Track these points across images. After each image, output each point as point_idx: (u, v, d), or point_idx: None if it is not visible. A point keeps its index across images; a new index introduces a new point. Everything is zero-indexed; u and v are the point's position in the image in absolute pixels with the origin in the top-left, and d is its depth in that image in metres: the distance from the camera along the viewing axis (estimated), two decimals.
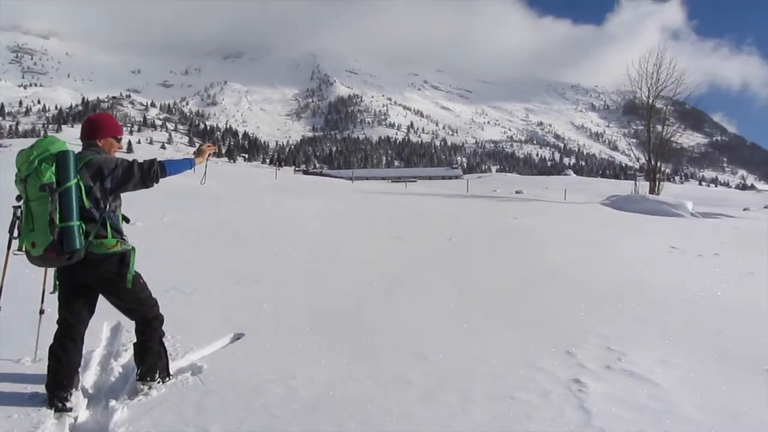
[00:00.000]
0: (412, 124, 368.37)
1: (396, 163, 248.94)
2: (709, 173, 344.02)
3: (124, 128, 9.18)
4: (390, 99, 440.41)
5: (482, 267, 8.38)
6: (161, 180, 3.64)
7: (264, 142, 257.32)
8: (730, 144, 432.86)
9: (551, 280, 7.52)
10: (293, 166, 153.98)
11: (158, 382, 3.76)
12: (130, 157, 3.73)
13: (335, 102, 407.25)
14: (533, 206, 22.92)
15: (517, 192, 40.94)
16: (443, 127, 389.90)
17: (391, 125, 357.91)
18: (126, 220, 3.74)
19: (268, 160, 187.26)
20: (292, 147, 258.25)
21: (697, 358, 4.74)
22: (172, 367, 3.99)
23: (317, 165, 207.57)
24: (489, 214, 16.59)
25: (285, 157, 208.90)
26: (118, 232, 3.52)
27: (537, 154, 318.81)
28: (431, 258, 8.96)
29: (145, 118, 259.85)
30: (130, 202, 4.09)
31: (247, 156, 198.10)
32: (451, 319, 5.56)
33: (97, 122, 3.67)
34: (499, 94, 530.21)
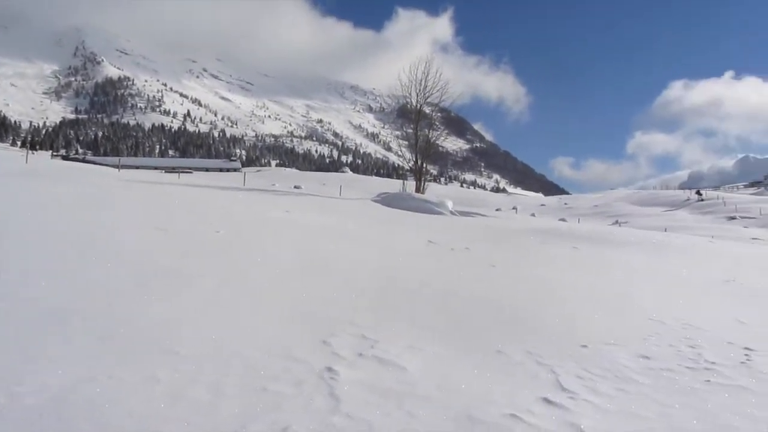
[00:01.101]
0: (189, 112, 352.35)
1: (171, 152, 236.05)
2: (469, 176, 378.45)
3: None
4: (165, 85, 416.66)
5: (248, 258, 8.23)
6: None
7: (15, 122, 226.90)
8: (487, 151, 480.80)
9: (317, 272, 7.65)
10: (51, 151, 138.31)
11: None
12: None
13: (103, 83, 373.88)
14: (308, 201, 23.28)
15: (295, 187, 41.27)
16: (222, 118, 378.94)
17: (166, 112, 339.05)
18: None
19: (19, 143, 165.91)
20: (50, 129, 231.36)
21: (442, 343, 5.14)
22: None
23: (80, 150, 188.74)
24: (263, 208, 16.47)
25: (41, 139, 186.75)
26: None
27: (316, 151, 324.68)
28: (195, 249, 8.60)
29: None
30: None
31: None
32: (211, 312, 5.37)
33: None
34: (281, 89, 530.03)
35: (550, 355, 5.09)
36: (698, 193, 70.83)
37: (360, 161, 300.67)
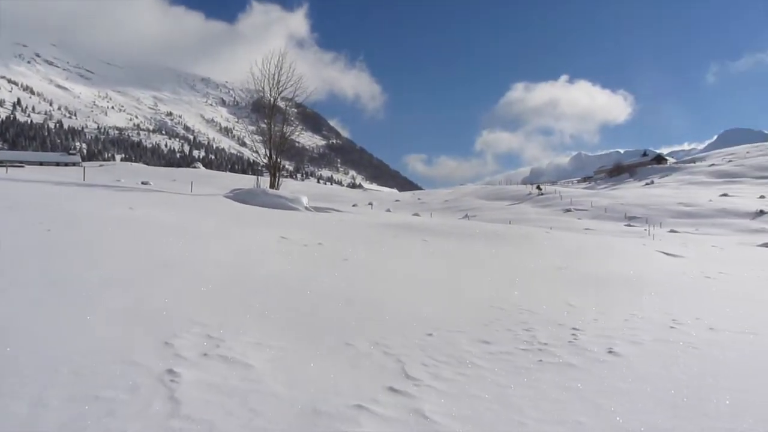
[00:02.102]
0: (19, 101, 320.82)
1: None
2: (326, 172, 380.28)
3: None
4: None
5: (83, 258, 7.63)
6: None
7: None
8: (344, 147, 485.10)
9: (161, 271, 7.26)
10: None
11: None
12: None
13: None
14: (155, 197, 22.12)
15: (143, 183, 39.08)
16: (59, 108, 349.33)
17: None
18: None
19: None
20: None
21: (290, 338, 5.09)
22: None
23: None
24: (103, 204, 15.39)
25: None
26: None
27: (166, 145, 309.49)
28: (20, 249, 7.83)
29: None
30: None
31: None
32: (36, 317, 4.92)
33: None
34: (126, 79, 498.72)
35: (398, 345, 5.22)
36: (538, 187, 76.21)
37: (213, 156, 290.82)
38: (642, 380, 4.76)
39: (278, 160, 31.68)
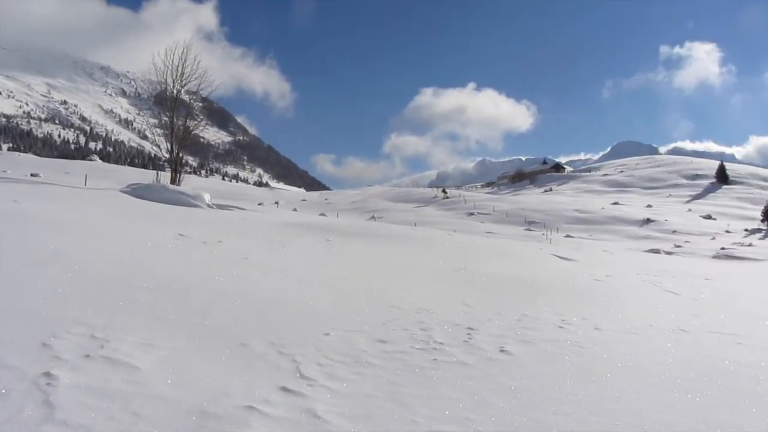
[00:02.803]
0: None
1: None
2: (232, 169, 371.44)
3: None
4: None
5: None
6: None
7: None
8: (250, 144, 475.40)
9: (43, 267, 6.80)
10: None
11: None
12: None
13: None
14: (44, 190, 20.83)
15: (32, 174, 36.64)
16: None
17: None
18: None
19: None
20: None
21: (181, 338, 4.91)
22: None
23: None
24: None
25: None
26: None
27: (60, 135, 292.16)
28: None
29: None
30: None
31: None
32: None
33: None
34: (15, 63, 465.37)
35: (294, 345, 5.15)
36: (444, 191, 77.80)
37: (111, 149, 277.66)
38: (530, 377, 4.93)
39: (180, 154, 30.62)
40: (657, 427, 4.11)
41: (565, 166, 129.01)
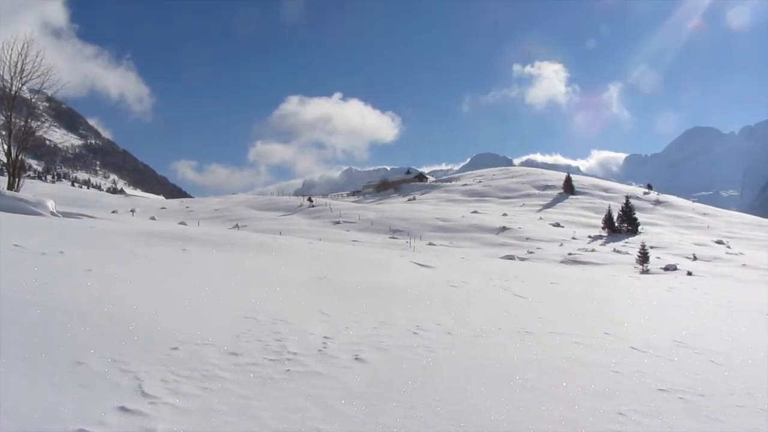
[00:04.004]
0: None
1: None
2: (82, 174, 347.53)
3: None
4: None
5: None
6: None
7: None
8: (104, 148, 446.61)
9: None
10: None
11: None
12: None
13: None
14: None
15: None
16: None
17: None
18: None
19: None
20: None
21: (7, 359, 4.49)
22: None
23: None
24: None
25: None
26: None
27: None
28: None
29: None
30: None
31: None
32: None
33: None
34: None
35: (137, 361, 4.86)
36: (310, 199, 77.64)
37: None
38: (382, 384, 4.99)
39: (20, 157, 28.14)
40: (501, 426, 4.31)
41: (428, 176, 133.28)
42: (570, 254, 43.27)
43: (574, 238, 53.95)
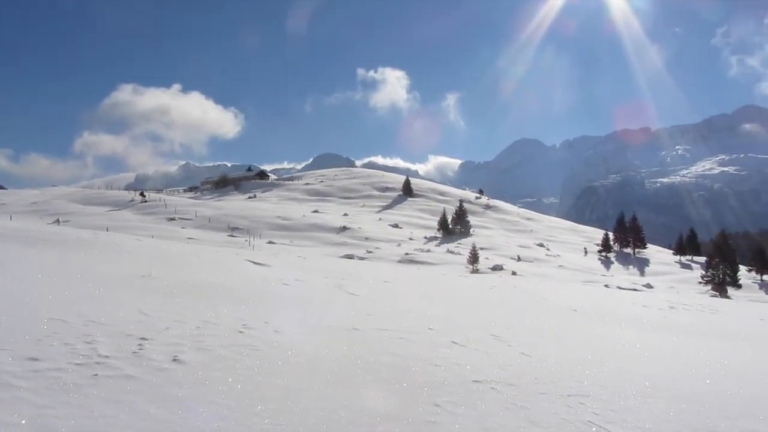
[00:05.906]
0: None
1: None
2: None
3: None
4: None
5: None
6: None
7: None
8: None
9: None
10: None
11: None
12: None
13: None
14: None
15: None
16: None
17: None
18: None
19: None
20: None
21: None
22: None
23: None
24: None
25: None
26: None
27: None
28: None
29: None
30: None
31: None
32: None
33: None
34: None
35: None
36: (142, 194, 73.37)
37: None
38: (199, 385, 4.82)
39: None
40: (320, 426, 4.32)
41: (269, 174, 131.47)
42: (407, 254, 44.89)
43: (411, 239, 56.00)
